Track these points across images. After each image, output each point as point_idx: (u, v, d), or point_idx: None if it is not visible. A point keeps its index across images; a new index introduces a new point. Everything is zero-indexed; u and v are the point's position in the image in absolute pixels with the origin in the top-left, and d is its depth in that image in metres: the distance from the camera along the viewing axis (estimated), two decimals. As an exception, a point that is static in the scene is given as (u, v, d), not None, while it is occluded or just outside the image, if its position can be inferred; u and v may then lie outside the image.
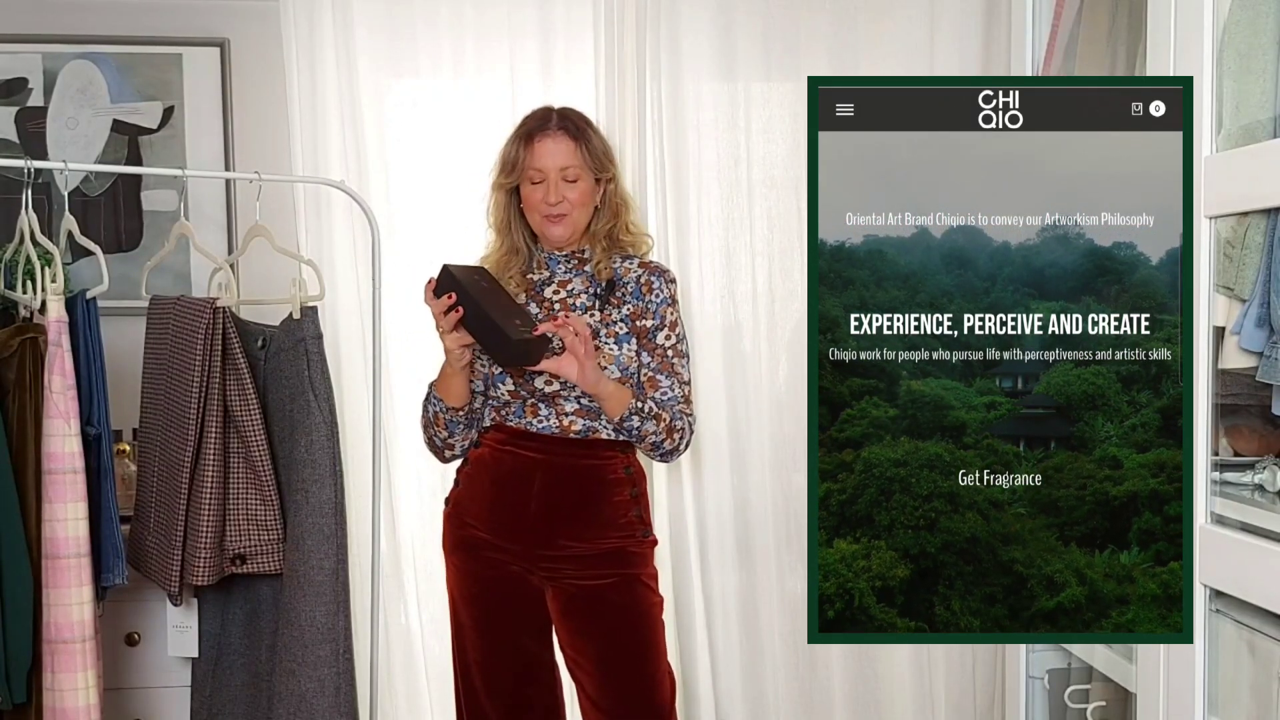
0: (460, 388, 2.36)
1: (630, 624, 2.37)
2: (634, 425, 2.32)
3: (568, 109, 2.43)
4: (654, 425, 2.33)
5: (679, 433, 2.37)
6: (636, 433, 2.33)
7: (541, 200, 2.35)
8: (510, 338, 2.19)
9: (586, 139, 2.38)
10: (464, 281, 2.25)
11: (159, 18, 3.13)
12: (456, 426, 2.41)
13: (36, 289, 2.30)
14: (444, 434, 2.43)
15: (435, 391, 2.40)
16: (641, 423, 2.32)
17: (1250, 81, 1.87)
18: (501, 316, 2.23)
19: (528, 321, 2.27)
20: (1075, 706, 2.49)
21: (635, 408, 2.32)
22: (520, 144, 2.38)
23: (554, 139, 2.36)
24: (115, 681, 2.68)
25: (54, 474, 2.20)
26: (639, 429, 2.33)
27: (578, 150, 2.36)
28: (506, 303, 2.31)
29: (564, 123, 2.38)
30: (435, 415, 2.41)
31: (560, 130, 2.37)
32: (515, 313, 2.28)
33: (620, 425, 2.32)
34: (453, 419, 2.40)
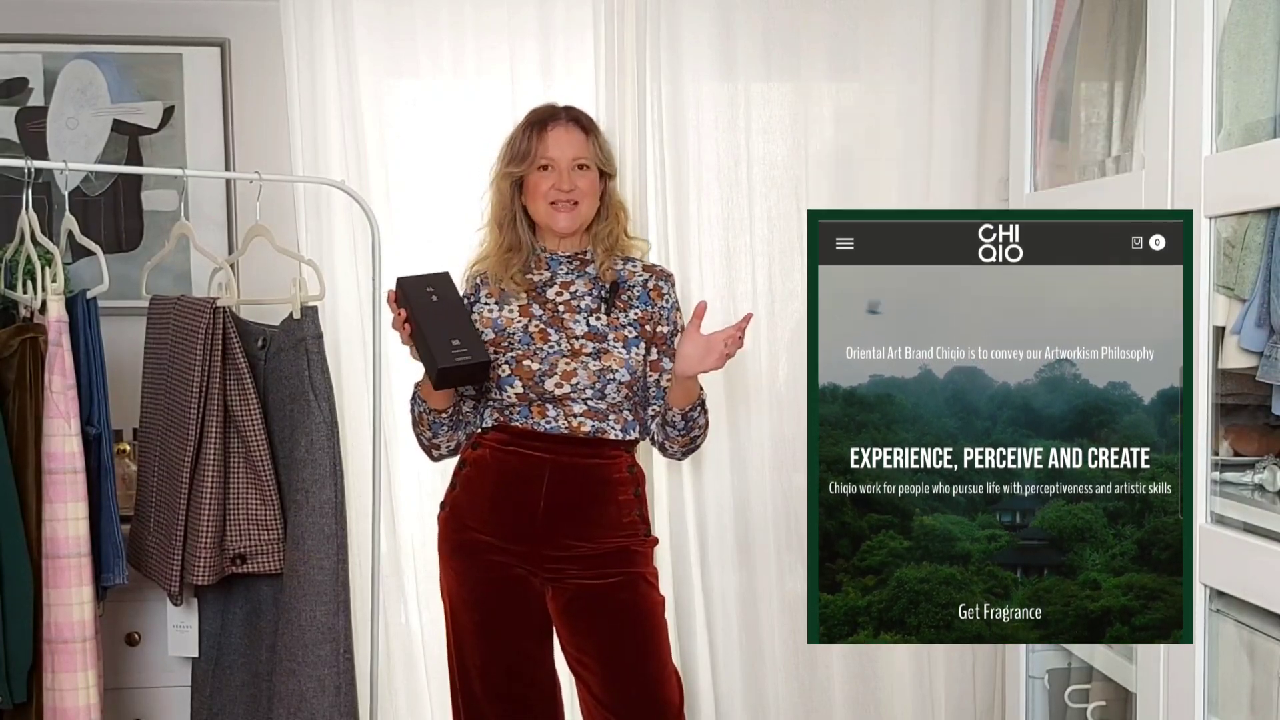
0: (442, 392, 2.36)
1: (634, 621, 2.37)
2: (695, 415, 2.39)
3: (572, 107, 2.45)
4: (705, 419, 2.43)
5: (708, 428, 2.46)
6: (692, 423, 2.39)
7: (553, 187, 2.36)
8: (436, 363, 2.18)
9: (596, 133, 2.43)
10: (411, 295, 2.24)
11: (159, 18, 3.13)
12: (440, 428, 2.41)
13: (37, 289, 2.30)
14: (428, 434, 2.43)
15: (419, 392, 2.41)
16: (700, 414, 2.40)
17: (1250, 81, 1.87)
18: (437, 337, 2.19)
19: (471, 342, 2.22)
20: (1075, 706, 2.49)
21: (703, 398, 2.40)
22: (532, 133, 2.39)
23: (566, 129, 2.39)
24: (115, 681, 2.68)
25: (54, 474, 2.20)
26: (697, 419, 2.40)
27: (589, 142, 2.39)
28: (452, 320, 2.25)
29: (574, 114, 2.42)
30: (419, 415, 2.42)
31: (573, 121, 2.40)
32: (458, 331, 2.23)
33: (686, 414, 2.37)
34: (436, 420, 2.40)
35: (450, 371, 2.19)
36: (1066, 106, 2.51)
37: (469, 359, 2.20)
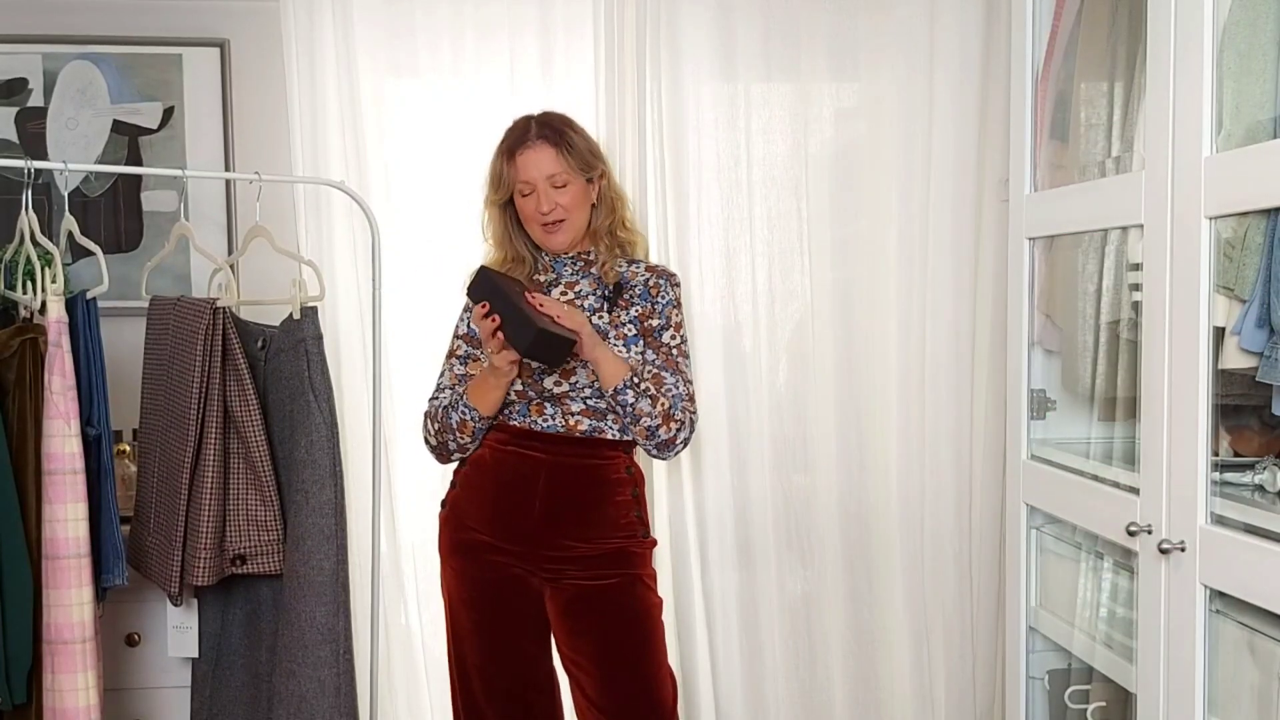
0: (499, 397, 2.36)
1: (630, 624, 2.37)
2: (627, 400, 2.31)
3: (547, 115, 2.44)
4: (649, 405, 2.32)
5: (677, 423, 2.35)
6: (630, 410, 2.32)
7: (535, 211, 2.37)
8: (535, 323, 2.19)
9: (568, 143, 2.38)
10: (497, 280, 2.27)
11: (159, 18, 3.13)
12: (481, 434, 2.41)
13: (36, 289, 2.30)
14: (465, 440, 2.41)
15: (468, 399, 2.39)
16: (636, 399, 2.31)
17: (1250, 81, 1.87)
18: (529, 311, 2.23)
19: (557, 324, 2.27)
20: (1075, 707, 2.49)
21: (631, 381, 2.32)
22: (504, 160, 2.40)
23: (535, 150, 2.37)
24: (115, 682, 2.68)
25: (54, 474, 2.20)
26: (633, 405, 2.31)
27: (559, 156, 2.37)
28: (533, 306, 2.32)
29: (543, 131, 2.39)
30: (461, 422, 2.39)
31: (540, 140, 2.38)
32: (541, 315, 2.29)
33: (614, 398, 2.31)
34: (480, 427, 2.39)
35: (545, 338, 2.20)
36: (1066, 106, 2.51)
37: (563, 331, 2.23)
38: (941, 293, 3.00)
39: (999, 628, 3.00)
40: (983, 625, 3.06)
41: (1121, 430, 2.35)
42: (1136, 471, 2.13)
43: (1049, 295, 2.57)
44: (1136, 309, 2.19)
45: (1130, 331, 2.26)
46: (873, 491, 3.05)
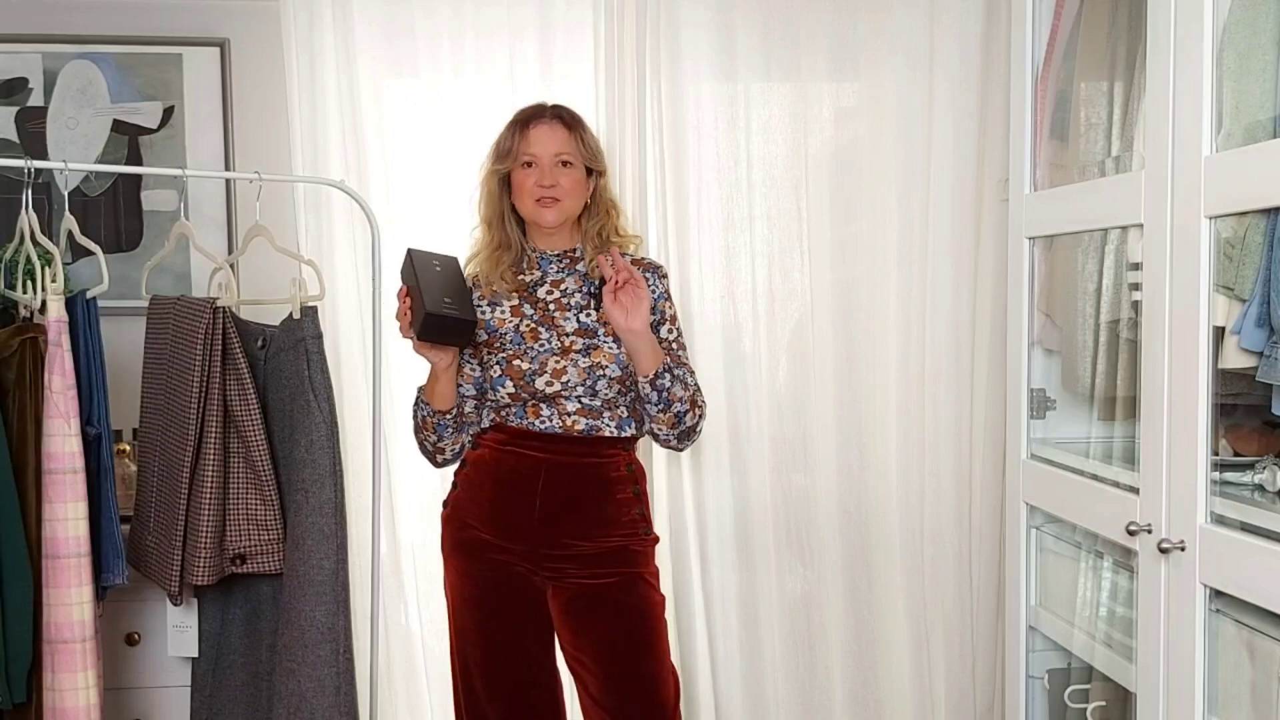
0: (446, 390, 2.36)
1: (633, 622, 2.37)
2: (665, 384, 2.30)
3: (562, 105, 2.45)
4: (681, 390, 2.32)
5: (700, 408, 2.38)
6: (665, 394, 2.30)
7: (535, 184, 2.36)
8: (424, 307, 2.19)
9: (581, 129, 2.42)
10: (417, 262, 2.28)
11: (159, 18, 3.13)
12: (445, 430, 2.41)
13: (36, 289, 2.30)
14: (433, 438, 2.43)
15: (422, 395, 2.41)
16: (672, 383, 2.30)
17: (1250, 81, 1.87)
18: (432, 293, 2.22)
19: (463, 304, 2.27)
20: (1075, 706, 2.49)
21: (669, 365, 2.31)
22: (515, 130, 2.40)
23: (549, 125, 2.39)
24: (115, 681, 2.68)
25: (54, 474, 2.20)
26: (669, 390, 2.30)
27: (572, 138, 2.39)
28: (450, 284, 2.30)
29: (559, 112, 2.42)
30: (423, 419, 2.42)
31: (555, 118, 2.40)
32: (452, 293, 2.27)
33: (653, 382, 2.30)
34: (440, 422, 2.40)
35: (435, 320, 2.20)
36: (1066, 106, 2.51)
37: (456, 313, 2.23)
38: (941, 293, 3.00)
39: (999, 627, 3.00)
40: (983, 624, 3.06)
41: (1121, 430, 2.35)
42: (1136, 471, 2.13)
43: (1049, 295, 2.57)
44: (1136, 308, 2.19)
45: (1130, 331, 2.27)
46: (872, 491, 3.05)
